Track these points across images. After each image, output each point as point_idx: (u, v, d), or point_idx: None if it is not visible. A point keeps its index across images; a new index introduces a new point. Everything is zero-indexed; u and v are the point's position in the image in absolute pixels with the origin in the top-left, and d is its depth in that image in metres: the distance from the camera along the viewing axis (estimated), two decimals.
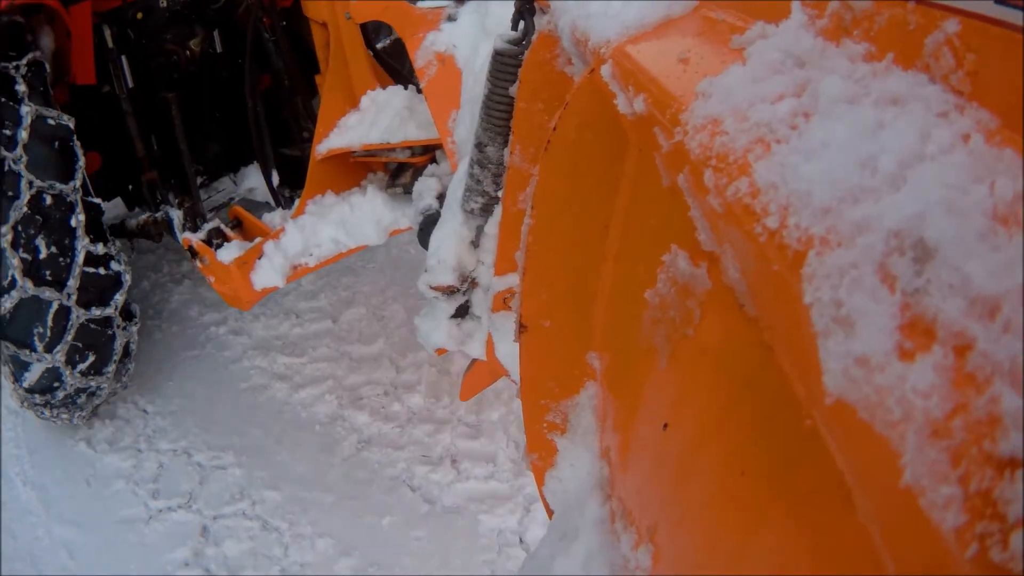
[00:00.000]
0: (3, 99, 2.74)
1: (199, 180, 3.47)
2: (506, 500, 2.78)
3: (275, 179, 3.31)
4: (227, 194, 3.65)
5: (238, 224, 3.14)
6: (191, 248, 2.89)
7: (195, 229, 3.07)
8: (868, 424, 0.45)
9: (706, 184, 0.69)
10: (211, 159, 3.59)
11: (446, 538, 2.60)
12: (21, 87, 2.73)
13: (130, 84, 3.15)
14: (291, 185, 3.41)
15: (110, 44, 3.10)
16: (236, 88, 3.39)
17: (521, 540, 2.68)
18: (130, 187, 3.45)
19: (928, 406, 0.42)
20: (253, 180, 3.60)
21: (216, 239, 2.93)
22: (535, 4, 1.45)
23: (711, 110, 0.73)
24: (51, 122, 2.79)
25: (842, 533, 0.57)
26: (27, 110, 2.74)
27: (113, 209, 3.49)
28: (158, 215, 3.26)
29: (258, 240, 2.84)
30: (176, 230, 3.11)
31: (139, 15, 3.17)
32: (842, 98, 0.62)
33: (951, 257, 0.45)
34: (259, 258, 2.79)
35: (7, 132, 2.72)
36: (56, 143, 2.80)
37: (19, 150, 2.70)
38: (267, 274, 2.76)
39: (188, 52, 3.31)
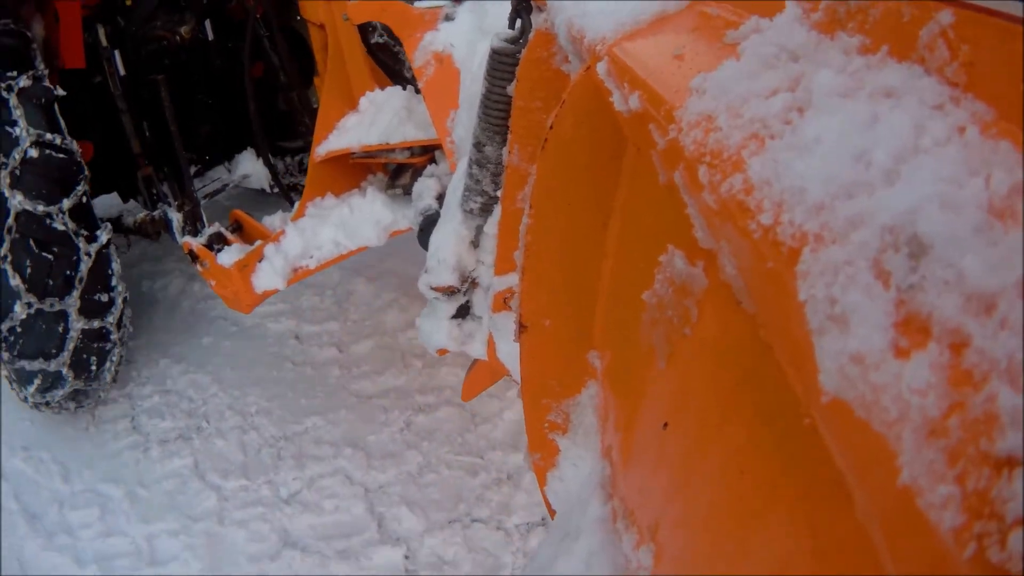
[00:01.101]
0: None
1: (193, 169, 3.49)
2: (287, 312, 4.01)
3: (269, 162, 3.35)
4: (221, 181, 3.73)
5: (238, 227, 3.14)
6: (191, 252, 2.89)
7: (195, 233, 3.07)
8: (864, 422, 0.45)
9: (701, 181, 0.69)
10: (203, 143, 3.60)
11: (244, 342, 3.88)
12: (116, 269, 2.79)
13: (121, 72, 3.15)
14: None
15: (104, 42, 3.10)
16: (228, 76, 3.40)
17: (296, 336, 3.89)
18: (124, 178, 3.44)
19: (924, 404, 0.42)
20: (247, 167, 3.65)
21: (217, 244, 2.92)
22: (532, 2, 1.44)
23: (705, 106, 0.72)
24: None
25: (842, 532, 0.56)
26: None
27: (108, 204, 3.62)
28: (156, 214, 3.26)
29: (258, 243, 2.84)
30: (175, 232, 3.12)
31: (128, 1, 3.17)
32: (836, 92, 0.62)
33: (946, 252, 0.45)
34: (259, 261, 2.79)
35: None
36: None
37: None
38: (268, 277, 2.76)
39: (178, 37, 3.32)
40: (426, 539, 2.82)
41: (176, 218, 3.11)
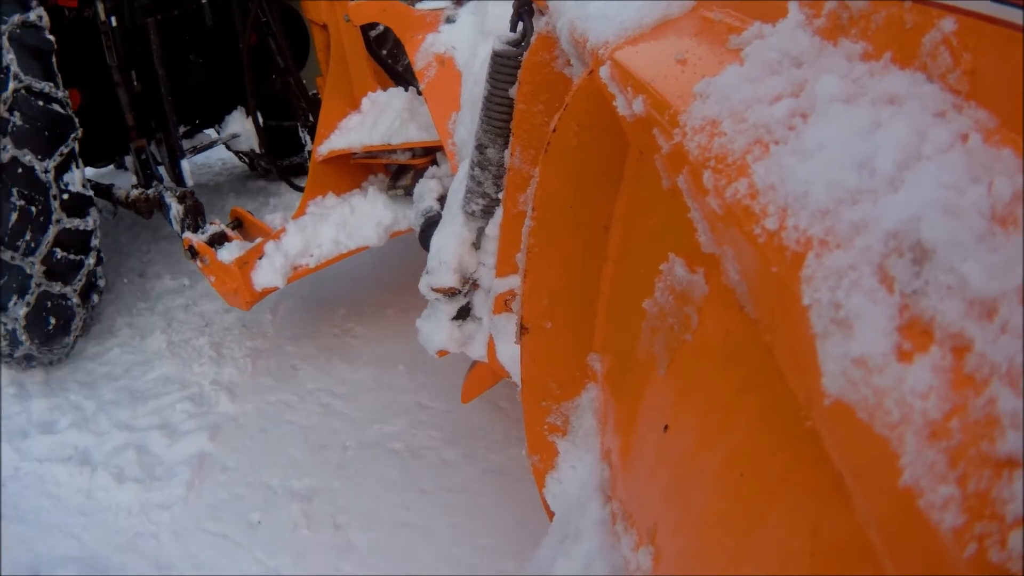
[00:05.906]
0: None
1: (183, 130, 3.50)
2: None
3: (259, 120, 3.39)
4: (210, 138, 3.76)
5: (239, 224, 3.13)
6: (191, 247, 2.89)
7: (195, 228, 3.06)
8: (867, 425, 0.45)
9: (705, 185, 0.69)
10: (193, 100, 3.60)
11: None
12: None
13: (113, 23, 3.15)
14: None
15: (103, 16, 3.09)
16: (220, 38, 3.45)
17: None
18: (112, 137, 3.42)
19: (926, 407, 0.42)
20: (236, 126, 3.69)
21: (217, 244, 2.91)
22: (533, 5, 1.45)
23: (709, 111, 0.73)
24: None
25: (841, 534, 0.57)
26: None
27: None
28: (150, 192, 3.25)
29: (259, 240, 2.84)
30: (174, 223, 3.11)
31: None
32: (839, 98, 0.62)
33: (949, 258, 0.45)
34: (260, 258, 2.78)
35: None
36: None
37: None
38: (267, 274, 2.75)
39: None
40: None
41: (176, 209, 3.10)
